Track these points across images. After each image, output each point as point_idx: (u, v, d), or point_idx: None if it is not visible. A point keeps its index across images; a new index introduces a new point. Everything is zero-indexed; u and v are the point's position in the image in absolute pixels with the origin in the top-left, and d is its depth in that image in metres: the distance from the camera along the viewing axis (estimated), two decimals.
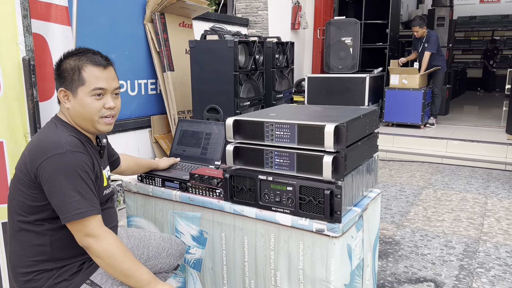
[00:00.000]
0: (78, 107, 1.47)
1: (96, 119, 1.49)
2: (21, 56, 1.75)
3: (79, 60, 1.47)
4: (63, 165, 1.36)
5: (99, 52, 1.55)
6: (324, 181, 1.65)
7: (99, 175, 1.54)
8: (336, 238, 1.67)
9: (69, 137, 1.43)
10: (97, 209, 1.40)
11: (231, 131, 1.84)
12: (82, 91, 1.46)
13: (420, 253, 3.02)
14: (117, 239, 1.42)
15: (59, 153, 1.37)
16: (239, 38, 3.97)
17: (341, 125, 1.59)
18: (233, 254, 1.97)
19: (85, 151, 1.45)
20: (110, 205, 1.69)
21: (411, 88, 6.40)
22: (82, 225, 1.37)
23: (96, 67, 1.48)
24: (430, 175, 4.99)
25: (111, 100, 1.51)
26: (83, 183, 1.38)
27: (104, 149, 1.65)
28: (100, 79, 1.47)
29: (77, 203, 1.35)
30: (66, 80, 1.47)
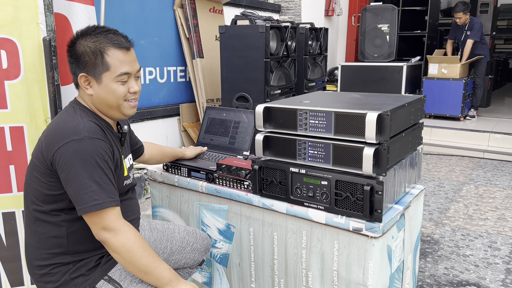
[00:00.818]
0: (103, 93, 1.38)
1: (121, 103, 1.40)
2: (41, 36, 1.66)
3: (99, 42, 1.36)
4: (81, 152, 1.26)
5: (116, 30, 1.43)
6: (364, 176, 1.49)
7: (119, 164, 1.44)
8: (375, 239, 1.51)
9: (87, 123, 1.33)
10: (116, 201, 1.30)
11: (261, 119, 1.70)
12: (107, 77, 1.36)
13: (461, 254, 2.81)
14: (136, 233, 1.32)
15: (77, 139, 1.27)
16: (270, 23, 3.80)
17: (384, 113, 1.43)
18: (261, 251, 1.85)
19: (105, 138, 1.35)
20: (131, 196, 1.58)
21: (451, 78, 6.07)
22: (99, 217, 1.27)
23: (120, 50, 1.37)
24: (470, 170, 4.71)
25: (135, 84, 1.42)
26: (101, 172, 1.28)
27: (125, 136, 1.54)
28: (124, 63, 1.37)
29: (94, 194, 1.25)
30: (87, 65, 1.36)
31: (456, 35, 6.42)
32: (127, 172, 1.51)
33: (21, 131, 1.69)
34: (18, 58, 1.64)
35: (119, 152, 1.45)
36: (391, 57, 6.20)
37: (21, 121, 1.69)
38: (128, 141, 1.65)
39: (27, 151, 1.71)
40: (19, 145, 1.69)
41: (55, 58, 1.67)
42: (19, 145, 1.69)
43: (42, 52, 1.66)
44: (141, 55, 4.08)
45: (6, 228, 1.73)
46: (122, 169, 1.46)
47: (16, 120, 1.68)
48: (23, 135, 1.70)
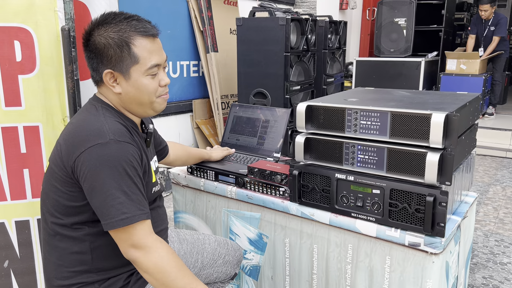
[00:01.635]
0: (134, 90, 1.20)
1: (154, 99, 1.24)
2: (60, 25, 1.48)
3: (123, 31, 1.16)
4: (106, 158, 1.09)
5: (138, 16, 1.23)
6: (425, 185, 1.32)
7: (147, 169, 1.26)
8: (435, 255, 1.34)
9: (113, 124, 1.16)
10: (146, 213, 1.13)
11: (303, 119, 1.53)
12: (136, 71, 1.18)
13: (498, 262, 2.64)
14: (170, 250, 1.15)
15: (101, 143, 1.10)
16: (290, 15, 3.62)
17: (452, 114, 1.25)
18: (298, 264, 1.68)
19: (133, 141, 1.17)
20: (159, 204, 1.41)
21: (470, 74, 5.87)
22: (128, 233, 1.10)
23: (147, 39, 1.18)
24: (494, 170, 4.52)
25: (165, 75, 1.26)
26: (129, 181, 1.11)
27: (150, 137, 1.35)
28: (153, 54, 1.20)
29: (122, 206, 1.08)
30: (112, 59, 1.17)
31: (478, 29, 6.20)
32: (155, 178, 1.33)
33: (37, 131, 1.52)
34: (33, 50, 1.47)
35: (146, 155, 1.28)
36: (407, 52, 6.00)
37: (36, 120, 1.52)
38: (153, 141, 1.48)
39: (43, 153, 1.54)
40: (34, 146, 1.53)
41: (75, 50, 1.50)
42: (34, 146, 1.53)
43: (60, 43, 1.48)
44: None
45: (19, 238, 1.57)
46: (150, 174, 1.28)
47: (31, 119, 1.51)
48: (39, 135, 1.53)
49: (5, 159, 1.50)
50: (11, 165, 1.51)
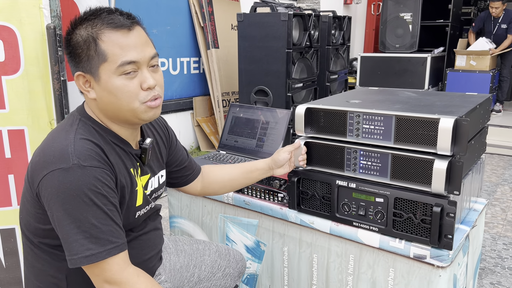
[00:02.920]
0: (107, 95, 1.02)
1: (137, 106, 1.03)
2: (45, 23, 1.40)
3: (92, 25, 1.00)
4: (67, 186, 0.94)
5: (117, 9, 1.06)
6: (432, 194, 1.23)
7: (128, 192, 1.09)
8: (442, 269, 1.26)
9: (80, 143, 0.99)
10: (119, 245, 0.99)
11: (302, 122, 1.45)
12: (105, 70, 1.00)
13: (507, 267, 2.55)
14: (149, 284, 1.02)
15: (64, 168, 0.95)
16: (293, 10, 3.52)
17: (462, 119, 1.16)
18: (297, 274, 1.60)
19: (103, 163, 1.00)
20: (152, 227, 1.25)
21: (478, 71, 5.74)
22: (99, 268, 0.97)
23: (117, 31, 1.00)
24: (502, 169, 4.42)
25: (149, 76, 1.04)
26: (97, 211, 0.96)
27: (145, 153, 1.16)
28: (126, 49, 1.00)
29: (87, 242, 0.95)
30: (81, 59, 1.01)
31: (486, 27, 6.06)
32: (142, 200, 1.15)
33: (22, 134, 1.45)
34: (17, 49, 1.39)
35: (130, 175, 1.10)
36: (413, 48, 5.88)
37: (21, 124, 1.44)
38: (161, 154, 1.29)
39: (29, 158, 1.46)
40: (20, 151, 1.45)
41: (61, 50, 1.41)
42: (20, 151, 1.45)
43: (46, 42, 1.40)
44: None
45: (4, 247, 1.50)
46: (133, 198, 1.11)
47: (15, 122, 1.43)
48: (24, 139, 1.45)
49: None
50: None
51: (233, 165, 1.50)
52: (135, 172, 1.13)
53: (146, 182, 1.20)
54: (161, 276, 1.30)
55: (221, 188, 1.48)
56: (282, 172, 1.47)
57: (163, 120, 1.37)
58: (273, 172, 1.47)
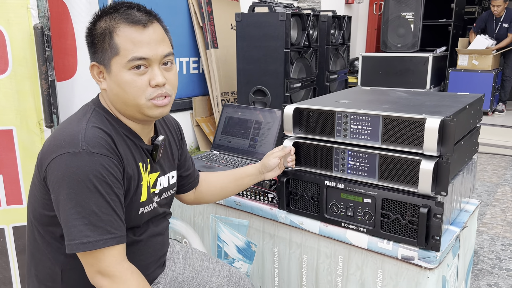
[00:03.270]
0: (116, 87, 1.04)
1: (143, 102, 1.04)
2: (33, 23, 1.40)
3: (111, 19, 1.03)
4: (74, 170, 0.95)
5: (137, 4, 1.07)
6: (419, 195, 1.22)
7: (134, 185, 1.09)
8: (430, 270, 1.25)
9: (91, 130, 1.01)
10: (118, 237, 0.99)
11: (290, 123, 1.44)
12: (117, 63, 1.02)
13: (505, 268, 2.52)
14: (141, 284, 1.01)
15: (72, 152, 0.96)
16: (291, 10, 3.51)
17: (448, 119, 1.15)
18: (287, 275, 1.59)
19: (112, 153, 1.02)
20: (154, 232, 1.21)
21: (480, 70, 5.70)
22: (94, 258, 0.97)
23: (132, 27, 1.02)
24: (504, 169, 4.38)
25: (159, 74, 1.04)
26: (100, 199, 0.97)
27: (158, 149, 1.17)
28: (139, 45, 1.02)
29: (86, 228, 0.95)
30: (97, 50, 1.05)
31: (488, 26, 6.02)
32: (146, 196, 1.14)
33: (10, 135, 1.45)
34: (5, 49, 1.39)
35: (138, 169, 1.11)
36: (415, 48, 5.85)
37: (9, 124, 1.44)
38: (172, 155, 1.29)
39: (17, 158, 1.47)
40: (8, 151, 1.45)
41: (49, 50, 1.41)
42: (8, 151, 1.45)
43: (34, 42, 1.40)
44: None
45: None
46: (138, 192, 1.11)
47: (4, 122, 1.43)
48: (13, 139, 1.45)
49: None
50: None
51: (224, 172, 1.48)
52: (143, 167, 1.13)
53: (155, 180, 1.19)
54: (160, 285, 1.27)
55: (212, 197, 1.48)
56: (273, 175, 1.46)
57: (178, 123, 1.38)
58: (264, 176, 1.46)
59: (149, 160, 1.16)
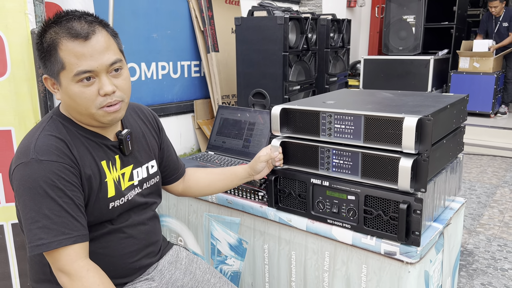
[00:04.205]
0: (67, 99, 1.08)
1: (94, 111, 1.08)
2: (30, 28, 1.47)
3: (55, 32, 1.04)
4: (26, 179, 1.02)
5: (84, 13, 1.08)
6: (399, 191, 1.26)
7: (96, 183, 1.13)
8: (411, 265, 1.28)
9: (43, 139, 1.06)
10: (72, 237, 1.03)
11: (277, 123, 1.48)
12: (65, 77, 1.05)
13: (499, 268, 2.54)
14: (97, 280, 1.04)
15: (24, 162, 1.03)
16: (289, 14, 3.56)
17: (425, 118, 1.19)
18: (277, 271, 1.63)
19: (62, 157, 1.06)
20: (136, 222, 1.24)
21: (482, 72, 5.71)
22: (52, 257, 1.04)
23: (74, 41, 1.03)
24: (504, 171, 4.38)
25: (107, 83, 1.07)
26: (51, 203, 1.02)
27: (124, 143, 1.20)
28: (82, 58, 1.03)
29: (40, 231, 1.01)
30: (46, 64, 1.07)
31: (489, 27, 6.04)
32: (114, 192, 1.17)
33: (9, 135, 1.51)
34: (4, 53, 1.46)
35: (99, 168, 1.14)
36: (417, 50, 5.88)
37: (8, 124, 1.51)
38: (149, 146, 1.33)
39: None
40: (7, 150, 1.52)
41: None
42: (7, 150, 1.52)
43: (31, 46, 1.47)
44: (153, 49, 3.89)
45: None
46: (103, 189, 1.15)
47: (3, 123, 1.50)
48: (11, 139, 1.52)
49: None
50: None
51: (214, 170, 1.54)
52: (109, 165, 1.18)
53: (130, 173, 1.24)
54: (154, 283, 1.30)
55: (200, 191, 1.53)
56: (262, 175, 1.51)
57: (153, 113, 1.42)
58: (253, 178, 1.51)
59: (117, 156, 1.21)
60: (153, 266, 1.32)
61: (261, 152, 1.50)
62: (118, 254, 1.21)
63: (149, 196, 1.32)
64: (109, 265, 1.16)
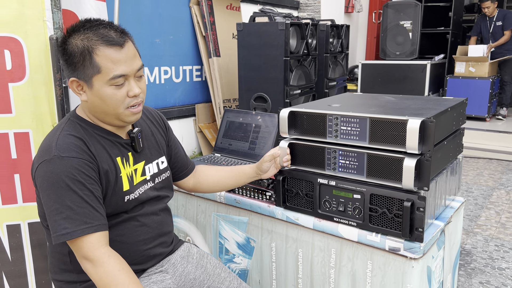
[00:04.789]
0: (97, 100, 1.18)
1: (121, 111, 1.20)
2: (48, 34, 1.53)
3: (88, 39, 1.14)
4: (49, 175, 1.12)
5: (111, 23, 1.20)
6: (403, 190, 1.33)
7: (113, 178, 1.22)
8: (415, 260, 1.35)
9: (63, 138, 1.16)
10: (94, 226, 1.12)
11: (285, 125, 1.55)
12: (99, 80, 1.15)
13: (497, 267, 2.61)
14: (117, 266, 1.12)
15: (47, 159, 1.13)
16: (290, 20, 3.63)
17: (428, 120, 1.26)
18: (284, 268, 1.69)
19: (82, 154, 1.15)
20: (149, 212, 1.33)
21: (477, 77, 5.81)
22: (76, 246, 1.12)
23: (111, 48, 1.14)
24: (500, 174, 4.47)
25: (135, 86, 1.19)
26: (73, 195, 1.11)
27: (134, 140, 1.30)
28: (119, 63, 1.15)
29: (64, 221, 1.10)
30: (77, 68, 1.16)
31: (482, 28, 6.17)
32: (128, 186, 1.26)
33: (27, 137, 1.57)
34: (23, 58, 1.52)
35: (114, 163, 1.23)
36: (413, 55, 5.97)
37: (26, 127, 1.56)
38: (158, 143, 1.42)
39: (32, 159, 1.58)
40: (25, 152, 1.57)
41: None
42: (25, 152, 1.57)
43: (49, 51, 1.53)
44: (156, 54, 3.95)
45: (11, 242, 1.61)
46: (119, 183, 1.24)
47: (21, 125, 1.55)
48: (29, 141, 1.57)
49: None
50: (2, 170, 1.55)
51: (224, 168, 1.61)
52: (123, 161, 1.27)
53: (143, 169, 1.33)
54: (167, 275, 1.37)
55: (209, 188, 1.61)
56: (269, 175, 1.58)
57: (160, 114, 1.54)
58: (261, 177, 1.59)
59: (130, 153, 1.30)
60: (166, 259, 1.39)
61: (268, 153, 1.57)
62: (133, 241, 1.29)
63: (161, 190, 1.41)
64: (125, 251, 1.24)
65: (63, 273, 1.27)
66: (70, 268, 1.25)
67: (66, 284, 1.27)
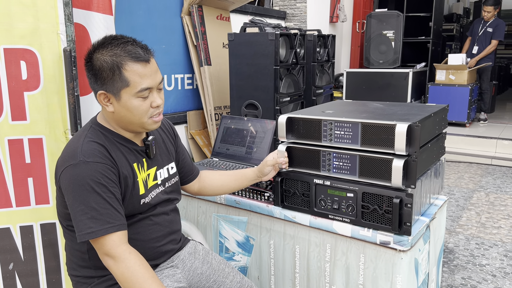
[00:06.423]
0: (124, 111, 1.29)
1: (145, 120, 1.31)
2: (62, 46, 1.63)
3: (116, 55, 1.25)
4: (75, 178, 1.22)
5: (135, 40, 1.32)
6: (393, 188, 1.46)
7: (131, 182, 1.33)
8: (403, 252, 1.48)
9: (87, 145, 1.26)
10: (116, 225, 1.23)
11: (283, 130, 1.68)
12: (127, 93, 1.26)
13: (477, 264, 2.78)
14: (137, 262, 1.23)
15: (73, 164, 1.23)
16: (280, 30, 3.78)
17: (414, 124, 1.40)
18: (282, 264, 1.81)
19: (103, 159, 1.26)
20: (161, 212, 1.44)
21: (457, 84, 6.05)
22: (99, 243, 1.23)
23: (139, 63, 1.26)
24: (479, 177, 4.68)
25: (157, 97, 1.32)
26: (97, 197, 1.22)
27: (149, 148, 1.41)
28: (145, 78, 1.27)
29: (89, 221, 1.20)
30: (105, 82, 1.26)
31: (475, 27, 6.43)
32: (144, 190, 1.37)
33: (40, 143, 1.66)
34: (38, 69, 1.61)
35: (132, 169, 1.34)
36: (396, 63, 6.18)
37: (40, 133, 1.66)
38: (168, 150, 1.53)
39: (46, 163, 1.67)
40: (38, 157, 1.66)
41: (75, 69, 1.64)
42: (38, 157, 1.66)
43: (62, 62, 1.63)
44: None
45: (24, 242, 1.69)
46: (136, 188, 1.35)
47: (35, 131, 1.65)
48: (42, 147, 1.66)
49: (11, 169, 1.63)
50: (16, 174, 1.64)
51: (227, 172, 1.73)
52: (138, 167, 1.38)
53: (155, 174, 1.44)
54: (178, 270, 1.49)
55: (213, 191, 1.73)
56: (269, 177, 1.70)
57: (169, 122, 1.66)
58: (261, 179, 1.71)
59: (144, 159, 1.42)
60: (176, 255, 1.50)
61: (268, 156, 1.69)
62: (147, 238, 1.40)
63: (171, 193, 1.52)
64: (140, 248, 1.34)
65: (82, 269, 1.37)
66: (89, 264, 1.34)
67: (84, 279, 1.37)
